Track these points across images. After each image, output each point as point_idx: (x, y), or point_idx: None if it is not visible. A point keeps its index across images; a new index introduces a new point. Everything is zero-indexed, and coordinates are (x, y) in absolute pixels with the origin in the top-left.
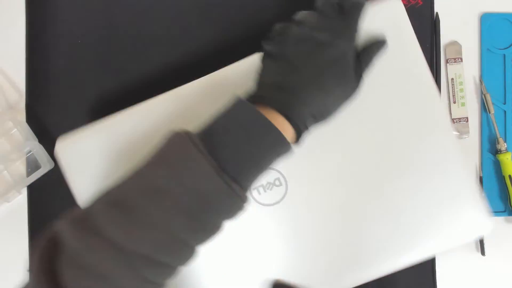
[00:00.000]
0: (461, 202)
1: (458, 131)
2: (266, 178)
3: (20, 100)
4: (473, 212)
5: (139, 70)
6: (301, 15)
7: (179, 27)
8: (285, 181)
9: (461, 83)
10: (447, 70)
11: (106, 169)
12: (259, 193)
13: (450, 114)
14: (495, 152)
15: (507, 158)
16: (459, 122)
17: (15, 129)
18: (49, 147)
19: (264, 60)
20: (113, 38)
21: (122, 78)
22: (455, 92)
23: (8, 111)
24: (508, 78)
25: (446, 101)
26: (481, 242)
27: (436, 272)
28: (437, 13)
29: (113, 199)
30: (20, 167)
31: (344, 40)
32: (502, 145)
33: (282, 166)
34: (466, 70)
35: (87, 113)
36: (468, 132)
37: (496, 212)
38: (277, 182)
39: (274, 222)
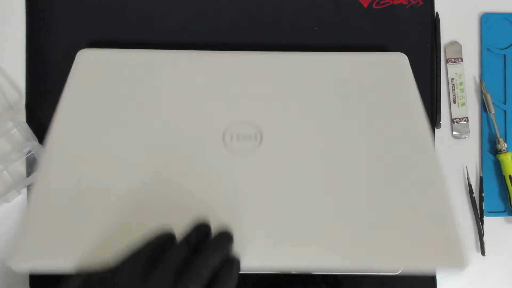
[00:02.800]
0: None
1: (458, 131)
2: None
3: (20, 100)
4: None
5: None
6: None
7: (186, 32)
8: (261, 138)
9: (461, 83)
10: (447, 70)
11: (108, 94)
12: (231, 140)
13: (450, 114)
14: (495, 152)
15: (507, 158)
16: (459, 122)
17: (15, 129)
18: None
19: None
20: (115, 38)
21: None
22: (455, 92)
23: (8, 111)
24: (508, 78)
25: (446, 101)
26: (481, 242)
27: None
28: (437, 13)
29: None
30: (20, 167)
31: None
32: (502, 145)
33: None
34: (466, 70)
35: None
36: (468, 132)
37: (496, 212)
38: (253, 137)
39: (242, 172)
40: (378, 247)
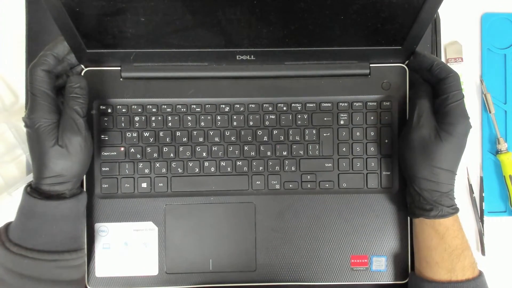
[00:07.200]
0: None
1: None
2: None
3: (16, 102)
4: None
5: None
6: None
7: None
8: None
9: (461, 83)
10: None
11: None
12: None
13: None
14: (496, 152)
15: (508, 158)
16: None
17: (9, 131)
18: None
19: None
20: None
21: None
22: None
23: (2, 113)
24: (509, 78)
25: None
26: (481, 241)
27: None
28: (437, 13)
29: None
30: (12, 169)
31: None
32: (503, 145)
33: None
34: (467, 70)
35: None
36: None
37: (496, 212)
38: None
39: None
40: None
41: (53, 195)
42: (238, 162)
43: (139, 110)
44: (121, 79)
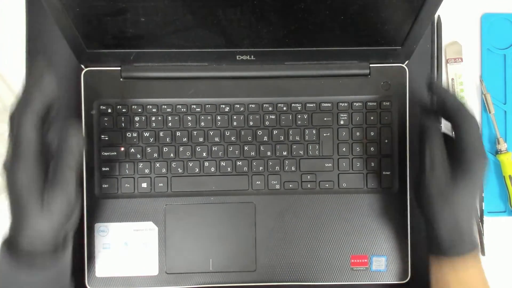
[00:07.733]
0: None
1: None
2: None
3: None
4: None
5: None
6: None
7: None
8: None
9: (461, 83)
10: (447, 70)
11: None
12: None
13: None
14: (495, 152)
15: (507, 158)
16: None
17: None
18: None
19: None
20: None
21: None
22: (455, 92)
23: (2, 113)
24: (509, 78)
25: None
26: (481, 242)
27: None
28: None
29: None
30: None
31: None
32: (503, 145)
33: None
34: (467, 70)
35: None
36: None
37: (496, 212)
38: None
39: None
40: None
41: (32, 257)
42: (238, 162)
43: (139, 110)
44: (121, 79)
